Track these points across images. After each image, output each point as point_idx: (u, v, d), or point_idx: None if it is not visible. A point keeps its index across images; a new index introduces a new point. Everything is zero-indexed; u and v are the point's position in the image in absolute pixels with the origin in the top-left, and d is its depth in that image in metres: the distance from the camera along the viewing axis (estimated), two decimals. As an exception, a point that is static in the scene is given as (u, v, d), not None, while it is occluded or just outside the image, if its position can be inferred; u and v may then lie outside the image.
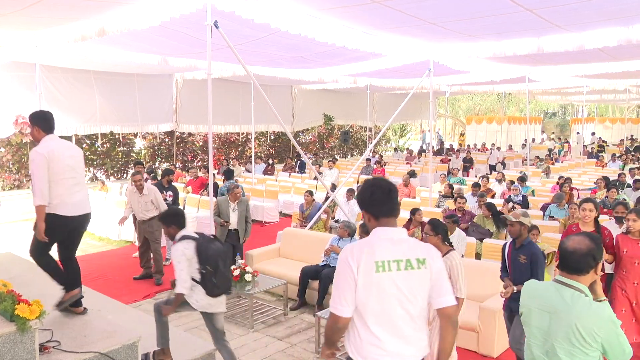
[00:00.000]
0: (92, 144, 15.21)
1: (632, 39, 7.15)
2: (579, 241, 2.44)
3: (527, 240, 4.55)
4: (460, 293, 4.19)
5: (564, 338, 2.39)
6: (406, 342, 2.42)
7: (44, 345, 3.56)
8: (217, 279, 4.14)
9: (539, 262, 4.41)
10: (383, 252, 2.40)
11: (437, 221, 4.47)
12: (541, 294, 2.55)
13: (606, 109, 39.87)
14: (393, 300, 2.38)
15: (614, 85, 18.44)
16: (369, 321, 2.38)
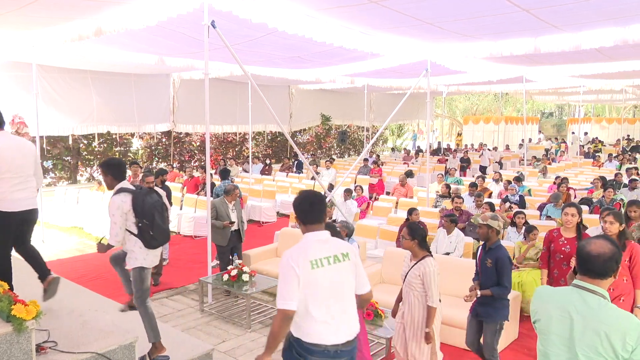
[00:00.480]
0: (89, 144, 15.19)
1: (628, 39, 7.17)
2: (601, 245, 2.36)
3: (495, 244, 4.45)
4: (431, 301, 4.13)
5: (590, 346, 2.25)
6: (342, 321, 2.93)
7: (41, 346, 3.55)
8: (154, 231, 4.14)
9: (504, 267, 4.33)
10: (315, 251, 2.90)
11: (416, 225, 4.38)
12: (561, 299, 2.41)
13: (603, 109, 39.99)
14: (328, 289, 2.89)
15: (610, 85, 18.49)
16: (313, 308, 2.85)
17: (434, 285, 4.12)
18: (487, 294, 4.38)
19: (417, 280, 4.18)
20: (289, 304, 2.80)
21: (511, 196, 10.13)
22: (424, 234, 4.30)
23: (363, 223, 9.14)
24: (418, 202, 10.93)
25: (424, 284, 4.14)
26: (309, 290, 2.84)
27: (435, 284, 4.13)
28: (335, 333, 2.90)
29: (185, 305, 6.81)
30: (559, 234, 4.93)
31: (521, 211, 7.97)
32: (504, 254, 4.40)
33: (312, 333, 2.87)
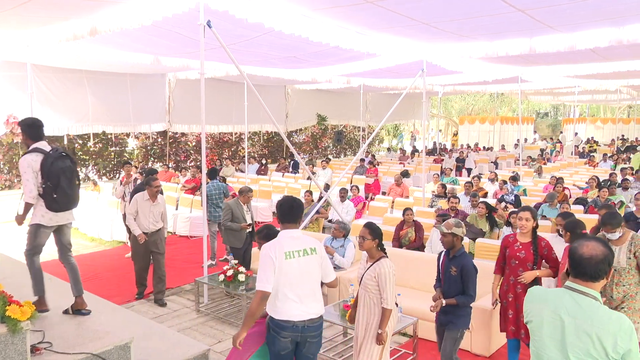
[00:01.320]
0: (84, 144, 15.13)
1: (623, 39, 7.20)
2: (593, 247, 2.35)
3: (460, 252, 4.36)
4: (386, 303, 3.97)
5: (582, 349, 2.26)
6: (309, 303, 3.63)
7: (36, 347, 3.54)
8: (57, 194, 4.24)
9: (469, 275, 4.25)
10: (288, 245, 3.61)
11: (375, 225, 4.23)
12: (554, 301, 2.41)
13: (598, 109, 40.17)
14: (298, 276, 3.58)
15: (605, 85, 18.57)
16: (285, 291, 3.55)
17: (390, 287, 3.98)
18: (452, 303, 4.29)
19: (372, 282, 4.05)
20: (266, 287, 3.50)
21: (506, 196, 10.15)
22: (382, 235, 4.20)
23: (359, 223, 9.14)
24: (414, 202, 10.95)
25: (379, 286, 4.01)
26: (283, 276, 3.53)
27: (390, 286, 3.99)
28: (303, 312, 3.59)
29: (181, 305, 6.80)
30: (515, 239, 4.73)
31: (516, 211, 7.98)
32: (469, 261, 4.31)
33: (284, 311, 3.56)
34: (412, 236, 7.73)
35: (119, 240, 10.02)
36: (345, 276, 6.38)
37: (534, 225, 4.68)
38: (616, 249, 4.46)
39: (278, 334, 3.57)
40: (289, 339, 3.58)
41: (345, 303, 5.18)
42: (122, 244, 9.77)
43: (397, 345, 5.56)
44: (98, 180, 14.09)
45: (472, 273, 4.28)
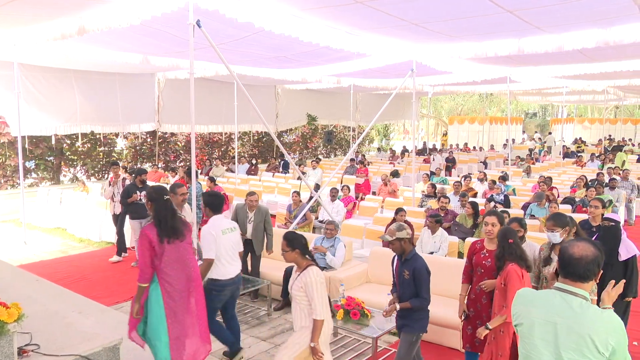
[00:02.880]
0: (72, 144, 15.00)
1: (609, 40, 7.29)
2: (584, 248, 2.36)
3: (411, 254, 4.23)
4: (315, 313, 3.75)
5: (575, 350, 2.27)
6: (236, 264, 5.07)
7: (23, 349, 3.50)
8: None
9: (422, 278, 4.13)
10: (222, 225, 4.97)
11: (292, 235, 4.01)
12: (544, 303, 2.41)
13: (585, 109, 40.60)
14: (228, 246, 4.94)
15: (592, 86, 18.77)
16: (226, 257, 4.91)
17: (318, 296, 3.76)
18: (407, 307, 4.21)
19: (300, 293, 3.83)
20: (211, 255, 4.79)
21: (496, 195, 10.22)
22: (303, 242, 3.97)
23: (349, 223, 9.16)
24: (404, 201, 10.99)
25: (307, 296, 3.79)
26: (222, 247, 4.86)
27: (319, 295, 3.77)
28: (236, 269, 5.03)
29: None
30: (482, 246, 4.47)
31: (505, 210, 8.04)
32: (421, 264, 4.19)
33: (227, 272, 4.90)
34: (402, 236, 7.74)
35: (107, 241, 9.95)
36: (335, 276, 6.38)
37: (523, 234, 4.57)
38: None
39: (221, 292, 4.89)
40: (229, 292, 4.97)
41: (335, 303, 5.19)
42: (110, 245, 9.71)
43: (388, 344, 5.57)
44: (87, 181, 13.97)
45: (424, 275, 4.17)
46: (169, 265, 4.02)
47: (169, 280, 4.02)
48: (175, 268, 4.04)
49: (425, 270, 4.19)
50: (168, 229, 4.04)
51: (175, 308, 4.06)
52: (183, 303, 4.09)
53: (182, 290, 4.07)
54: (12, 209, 12.42)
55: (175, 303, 4.06)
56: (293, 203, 9.85)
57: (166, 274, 4.01)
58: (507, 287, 3.90)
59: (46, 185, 14.15)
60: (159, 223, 4.06)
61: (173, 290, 4.03)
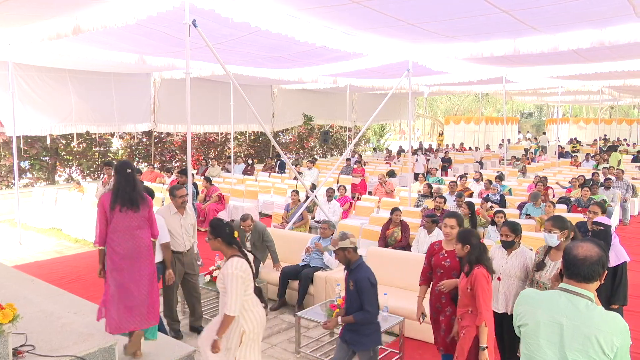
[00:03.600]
0: (67, 144, 14.95)
1: (604, 40, 7.32)
2: (588, 248, 2.35)
3: (356, 264, 4.06)
4: (227, 308, 3.53)
5: (581, 351, 2.25)
6: None
7: (18, 350, 3.48)
8: None
9: (363, 290, 3.93)
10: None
11: (216, 222, 3.85)
12: (550, 303, 2.38)
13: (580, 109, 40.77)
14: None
15: (587, 86, 18.86)
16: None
17: (233, 290, 3.53)
18: (350, 321, 4.01)
19: (220, 284, 3.66)
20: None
21: (492, 195, 10.25)
22: (227, 230, 3.75)
23: (345, 223, 9.16)
24: (400, 201, 11.00)
25: (225, 288, 3.58)
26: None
27: (234, 289, 3.53)
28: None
29: (166, 306, 6.74)
30: (440, 247, 4.41)
31: (501, 210, 8.07)
32: (363, 274, 3.97)
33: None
34: (398, 236, 7.76)
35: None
36: (332, 276, 6.38)
37: None
38: (551, 264, 4.05)
39: None
40: None
41: (332, 303, 5.19)
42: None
43: (384, 344, 5.57)
44: (82, 181, 13.92)
45: (366, 287, 3.95)
46: (115, 232, 4.20)
47: (113, 246, 4.20)
48: (120, 235, 4.20)
49: (367, 281, 3.96)
50: (124, 198, 4.21)
51: (118, 274, 4.20)
52: (129, 272, 4.21)
53: (124, 256, 4.20)
54: (7, 209, 12.37)
55: (118, 270, 4.20)
56: (292, 202, 9.85)
57: (111, 239, 4.21)
58: (476, 292, 3.77)
59: (41, 186, 14.10)
60: (115, 191, 4.25)
61: (114, 253, 4.20)
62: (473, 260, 3.85)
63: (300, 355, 5.38)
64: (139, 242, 4.27)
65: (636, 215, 12.87)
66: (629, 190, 12.26)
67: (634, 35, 7.10)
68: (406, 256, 6.67)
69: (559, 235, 4.01)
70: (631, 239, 10.38)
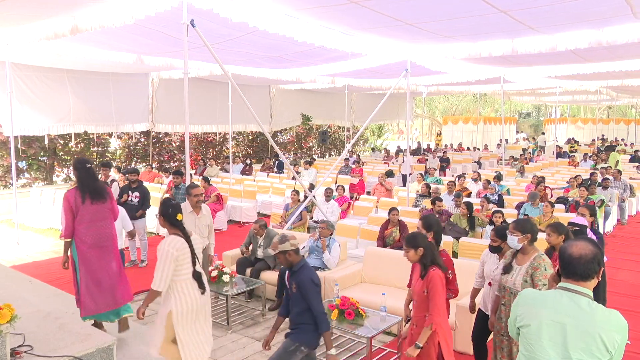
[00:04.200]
0: (65, 144, 14.92)
1: (602, 41, 7.33)
2: (582, 247, 2.37)
3: (298, 266, 3.99)
4: (152, 282, 3.79)
5: (585, 349, 2.26)
6: None
7: (16, 350, 3.48)
8: None
9: (307, 291, 3.86)
10: None
11: (164, 201, 4.12)
12: (552, 303, 2.38)
13: (578, 109, 40.82)
14: None
15: (585, 86, 18.87)
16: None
17: (160, 266, 3.78)
18: (329, 342, 3.95)
19: None
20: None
21: (490, 195, 10.25)
22: (171, 212, 3.97)
23: (344, 223, 9.16)
24: (398, 201, 11.01)
25: None
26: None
27: (162, 265, 3.77)
28: None
29: (164, 307, 6.73)
30: None
31: (499, 210, 8.08)
32: (305, 276, 3.91)
33: None
34: (396, 236, 7.76)
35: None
36: (330, 276, 6.38)
37: None
38: (517, 269, 3.93)
39: None
40: None
41: (330, 303, 5.19)
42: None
43: (382, 344, 5.58)
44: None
45: (309, 287, 3.89)
46: (82, 224, 4.57)
47: (81, 237, 4.57)
48: (87, 227, 4.58)
49: (309, 282, 3.90)
50: (91, 191, 4.61)
51: (87, 262, 4.60)
52: (98, 260, 4.62)
53: (92, 246, 4.59)
54: (5, 209, 12.34)
55: (88, 258, 4.60)
56: (292, 202, 9.85)
57: (79, 231, 4.57)
58: (430, 295, 3.71)
59: (39, 186, 14.07)
60: (80, 186, 4.62)
61: (83, 243, 4.57)
62: (428, 262, 3.80)
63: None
64: (104, 231, 4.68)
65: (634, 215, 12.90)
66: (627, 190, 12.28)
67: (632, 36, 7.11)
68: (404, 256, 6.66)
69: (520, 239, 3.91)
70: (629, 239, 10.40)
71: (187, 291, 3.90)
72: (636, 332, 5.71)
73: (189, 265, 3.94)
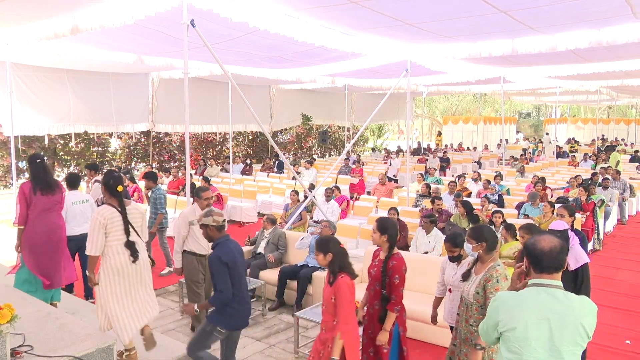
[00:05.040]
0: (65, 144, 14.93)
1: (602, 41, 7.33)
2: (550, 239, 2.40)
3: (215, 243, 4.02)
4: (86, 248, 4.05)
5: (571, 341, 2.31)
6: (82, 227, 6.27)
7: (16, 350, 3.48)
8: None
9: (214, 271, 3.86)
10: (73, 199, 6.28)
11: (107, 171, 4.37)
12: (533, 303, 2.37)
13: (578, 109, 40.83)
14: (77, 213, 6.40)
15: (585, 86, 18.87)
16: (71, 221, 6.30)
17: (90, 232, 4.03)
18: (207, 307, 4.06)
19: None
20: None
21: (490, 195, 10.25)
22: (112, 182, 4.10)
23: (344, 223, 9.17)
24: (398, 201, 11.01)
25: None
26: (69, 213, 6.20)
27: (92, 232, 3.99)
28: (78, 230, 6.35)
29: (165, 307, 6.73)
30: (377, 252, 4.29)
31: (499, 210, 8.07)
32: (214, 253, 3.91)
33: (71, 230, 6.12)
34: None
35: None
36: (330, 276, 6.38)
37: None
38: (473, 278, 3.76)
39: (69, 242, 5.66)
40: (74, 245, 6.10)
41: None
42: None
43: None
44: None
45: (217, 267, 3.86)
46: (34, 212, 5.10)
47: (32, 225, 5.10)
48: (38, 216, 5.09)
49: (217, 261, 3.86)
50: (42, 183, 5.10)
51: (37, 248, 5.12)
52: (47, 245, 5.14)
53: (42, 233, 5.10)
54: (5, 209, 12.33)
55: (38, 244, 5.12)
56: (291, 202, 9.85)
57: (31, 219, 5.10)
58: (338, 302, 3.65)
59: (39, 186, 14.07)
60: (33, 178, 5.12)
61: (34, 232, 5.09)
62: (336, 269, 3.73)
63: (299, 355, 5.38)
64: (53, 221, 5.19)
65: (634, 215, 12.90)
66: (627, 190, 12.28)
67: (632, 35, 7.11)
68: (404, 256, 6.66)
69: (473, 247, 3.78)
70: (629, 239, 10.41)
71: (114, 256, 4.09)
72: (636, 332, 5.72)
73: (119, 234, 4.11)
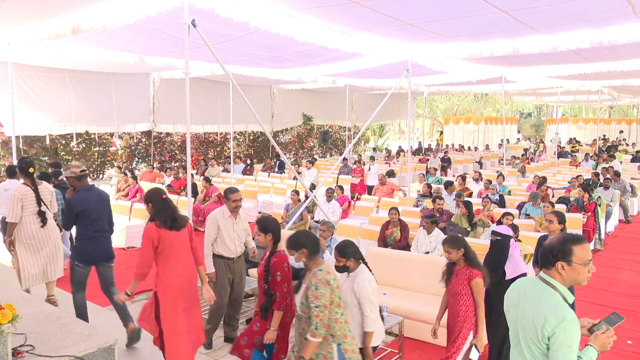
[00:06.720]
0: (67, 144, 14.94)
1: (603, 41, 7.33)
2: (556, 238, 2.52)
3: (76, 191, 4.85)
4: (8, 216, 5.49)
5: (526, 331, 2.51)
6: None
7: (17, 350, 3.48)
8: None
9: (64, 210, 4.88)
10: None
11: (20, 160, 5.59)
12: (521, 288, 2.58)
13: (579, 109, 40.80)
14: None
15: (587, 86, 18.87)
16: None
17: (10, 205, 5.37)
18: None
19: None
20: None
21: (491, 195, 10.24)
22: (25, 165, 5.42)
23: (345, 223, 9.17)
24: (400, 201, 11.00)
25: None
26: None
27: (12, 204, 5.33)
28: None
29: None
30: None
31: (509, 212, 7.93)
32: (69, 199, 4.96)
33: None
34: (397, 236, 7.76)
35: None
36: (331, 276, 6.38)
37: None
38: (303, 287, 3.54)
39: None
40: None
41: (331, 303, 5.17)
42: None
43: (383, 344, 5.57)
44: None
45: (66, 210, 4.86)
46: None
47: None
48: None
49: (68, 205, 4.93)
50: None
51: None
52: None
53: None
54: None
55: None
56: (292, 202, 9.85)
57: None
58: None
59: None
60: None
61: None
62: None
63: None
64: None
65: (635, 215, 12.89)
66: (627, 191, 12.26)
67: (633, 35, 7.11)
68: (405, 256, 6.67)
69: (295, 257, 3.58)
70: (630, 239, 10.39)
71: (28, 224, 5.53)
72: (638, 332, 5.71)
73: (33, 206, 5.52)
